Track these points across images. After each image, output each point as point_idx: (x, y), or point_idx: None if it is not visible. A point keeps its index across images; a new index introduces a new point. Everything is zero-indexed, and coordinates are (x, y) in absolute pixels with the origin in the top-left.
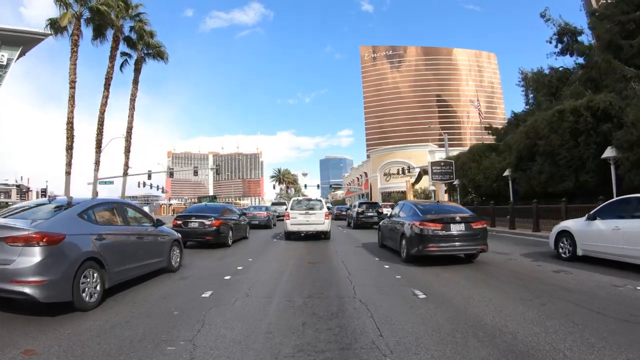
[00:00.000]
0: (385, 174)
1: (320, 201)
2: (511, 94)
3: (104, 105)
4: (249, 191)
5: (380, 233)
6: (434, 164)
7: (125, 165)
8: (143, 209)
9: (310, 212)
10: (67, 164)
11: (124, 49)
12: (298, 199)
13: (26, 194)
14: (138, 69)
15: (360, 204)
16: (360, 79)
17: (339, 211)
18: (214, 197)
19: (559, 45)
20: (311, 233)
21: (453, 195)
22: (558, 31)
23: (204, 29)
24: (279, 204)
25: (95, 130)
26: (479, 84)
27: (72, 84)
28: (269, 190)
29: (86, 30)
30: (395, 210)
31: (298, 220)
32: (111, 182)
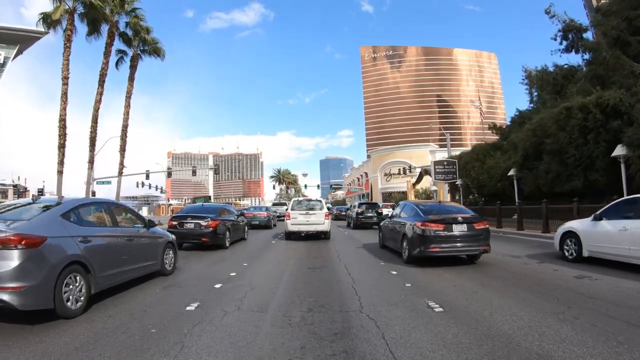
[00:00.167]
0: (385, 174)
1: (320, 201)
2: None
3: (98, 102)
4: (249, 191)
5: (381, 234)
6: (436, 164)
7: (121, 164)
8: (135, 209)
9: (311, 213)
10: (60, 162)
11: (120, 45)
12: (298, 200)
13: (23, 194)
14: (134, 66)
15: (360, 204)
16: (361, 79)
17: (339, 211)
18: (208, 198)
19: (564, 42)
20: (311, 233)
21: (456, 195)
22: (563, 28)
23: (204, 29)
24: (280, 205)
25: (89, 128)
26: (479, 84)
27: (65, 80)
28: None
29: (81, 26)
30: (397, 211)
31: (298, 221)
32: (108, 182)
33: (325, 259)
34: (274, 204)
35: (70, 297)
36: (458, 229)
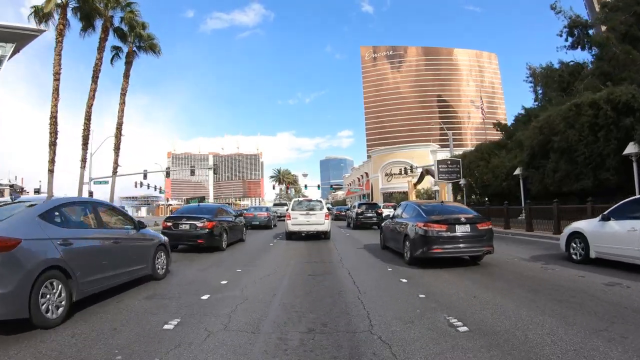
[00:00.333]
0: (386, 174)
1: (321, 202)
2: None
3: (91, 99)
4: (249, 192)
5: (382, 234)
6: (440, 163)
7: (115, 163)
8: (134, 209)
9: (311, 213)
10: (50, 161)
11: (115, 41)
12: (299, 200)
13: (20, 194)
14: (129, 62)
15: (360, 204)
16: (361, 80)
17: (339, 212)
18: (202, 198)
19: (570, 38)
20: (312, 233)
21: (457, 196)
22: (569, 24)
23: (205, 30)
24: (281, 205)
25: (82, 125)
26: (480, 84)
27: (57, 75)
28: (269, 191)
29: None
30: (398, 211)
31: (299, 221)
32: (106, 182)
33: (327, 263)
34: (275, 204)
35: (49, 306)
36: (461, 230)
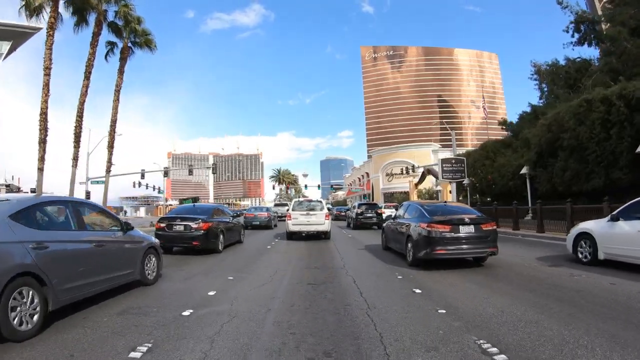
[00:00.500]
0: (387, 174)
1: (321, 202)
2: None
3: (83, 95)
4: (249, 192)
5: (384, 235)
6: (444, 161)
7: (109, 162)
8: (133, 210)
9: (311, 213)
10: (40, 159)
11: (110, 37)
12: (299, 200)
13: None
14: (124, 58)
15: (360, 204)
16: (361, 80)
17: (338, 212)
18: (196, 199)
19: (576, 34)
20: (312, 233)
21: (459, 196)
22: (575, 19)
23: (205, 30)
24: (282, 205)
25: (74, 122)
26: (480, 84)
27: (47, 70)
28: (269, 191)
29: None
30: (400, 212)
31: (299, 221)
32: (103, 182)
33: (329, 269)
34: (276, 205)
35: (20, 316)
36: (465, 231)
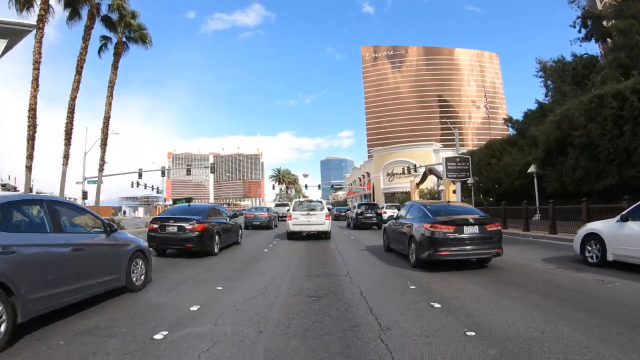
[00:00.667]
0: (388, 174)
1: (321, 202)
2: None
3: (75, 91)
4: (250, 192)
5: (385, 235)
6: (448, 160)
7: (102, 160)
8: (131, 209)
9: (312, 213)
10: (28, 157)
11: (104, 31)
12: (300, 201)
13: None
14: (118, 53)
15: (360, 205)
16: (361, 80)
17: (338, 212)
18: (189, 199)
19: (583, 30)
20: (312, 233)
21: (463, 195)
22: (583, 14)
23: (206, 30)
24: (283, 205)
25: (65, 119)
26: (481, 84)
27: (36, 64)
28: (269, 191)
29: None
30: (402, 212)
31: (300, 221)
32: (100, 182)
33: (332, 277)
34: (277, 205)
35: None
36: (469, 231)
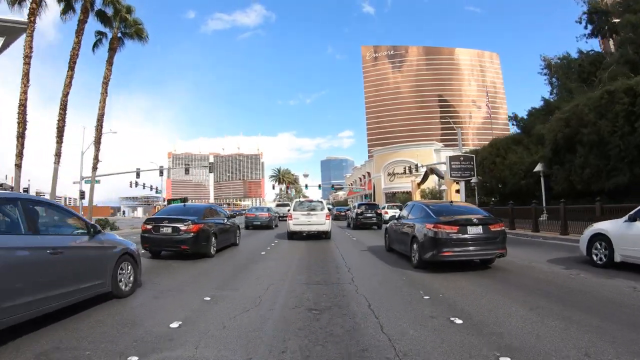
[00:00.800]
0: (389, 174)
1: (321, 202)
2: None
3: (67, 87)
4: (250, 192)
5: (387, 236)
6: (452, 159)
7: (95, 158)
8: (130, 209)
9: (312, 213)
10: (18, 154)
11: (98, 27)
12: (300, 201)
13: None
14: (113, 49)
15: (360, 205)
16: (362, 80)
17: (338, 212)
18: (184, 199)
19: (589, 26)
20: (313, 233)
21: (471, 194)
22: (589, 10)
23: (206, 31)
24: (283, 205)
25: (58, 116)
26: (482, 84)
27: (27, 59)
28: (270, 191)
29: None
30: (404, 212)
31: (300, 221)
32: (97, 181)
33: (334, 285)
34: (278, 205)
35: None
36: (473, 231)
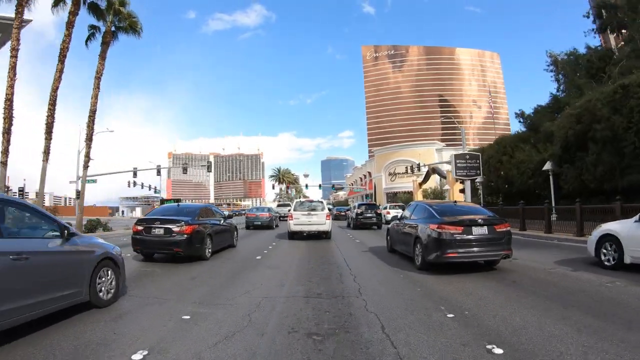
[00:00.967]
0: (390, 174)
1: (322, 202)
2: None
3: (57, 81)
4: (250, 192)
5: (389, 236)
6: (457, 157)
7: (87, 156)
8: (128, 209)
9: (313, 213)
10: (3, 152)
11: (91, 20)
12: (301, 201)
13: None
14: (106, 43)
15: (360, 205)
16: (362, 80)
17: (338, 212)
18: (178, 200)
19: (597, 21)
20: (313, 233)
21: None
22: (597, 4)
23: (206, 31)
24: (284, 205)
25: (47, 112)
26: (482, 84)
27: (14, 52)
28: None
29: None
30: (407, 212)
31: (301, 221)
32: (94, 181)
33: (338, 298)
34: (279, 205)
35: None
36: (478, 232)
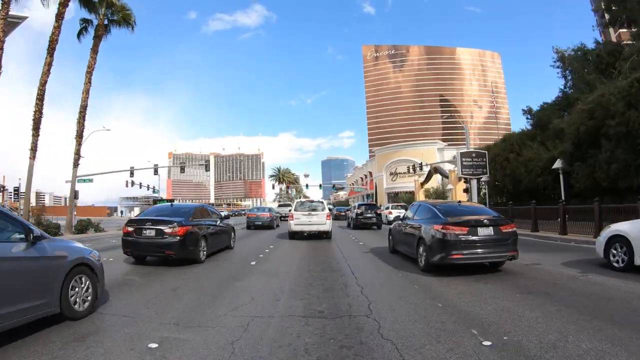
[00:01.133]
0: (391, 174)
1: (322, 203)
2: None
3: (45, 75)
4: (250, 192)
5: (391, 237)
6: (463, 155)
7: (77, 154)
8: (127, 209)
9: (313, 213)
10: None
11: (83, 13)
12: (301, 201)
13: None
14: (98, 36)
15: (360, 205)
16: (362, 80)
17: (339, 212)
18: (171, 200)
19: (606, 15)
20: (314, 233)
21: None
22: None
23: (207, 31)
24: (285, 206)
25: (34, 108)
26: (483, 83)
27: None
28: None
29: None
30: (409, 213)
31: (301, 221)
32: (90, 180)
33: (344, 317)
34: (280, 205)
35: None
36: (483, 233)
